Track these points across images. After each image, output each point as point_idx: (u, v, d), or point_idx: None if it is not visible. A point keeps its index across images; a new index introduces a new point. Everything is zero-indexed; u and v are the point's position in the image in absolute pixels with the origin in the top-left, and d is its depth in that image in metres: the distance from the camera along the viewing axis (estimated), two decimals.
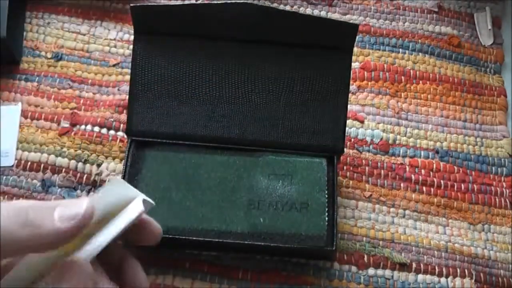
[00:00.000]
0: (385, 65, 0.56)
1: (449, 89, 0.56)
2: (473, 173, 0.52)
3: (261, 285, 0.46)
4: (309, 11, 0.59)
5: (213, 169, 0.45)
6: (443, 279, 0.47)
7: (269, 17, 0.44)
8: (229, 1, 0.44)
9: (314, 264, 0.47)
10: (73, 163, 0.50)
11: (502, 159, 0.53)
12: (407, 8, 0.60)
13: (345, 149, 0.50)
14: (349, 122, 0.53)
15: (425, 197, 0.50)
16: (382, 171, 0.51)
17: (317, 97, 0.46)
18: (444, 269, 0.47)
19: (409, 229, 0.49)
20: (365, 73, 0.55)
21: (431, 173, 0.51)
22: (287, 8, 0.59)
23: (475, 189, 0.51)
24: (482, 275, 0.47)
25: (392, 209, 0.50)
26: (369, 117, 0.53)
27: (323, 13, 0.59)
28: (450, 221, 0.50)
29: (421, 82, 0.56)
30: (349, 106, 0.50)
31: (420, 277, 0.47)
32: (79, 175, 0.50)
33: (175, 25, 0.45)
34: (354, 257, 0.47)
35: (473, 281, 0.47)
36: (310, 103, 0.46)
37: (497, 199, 0.51)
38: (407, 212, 0.50)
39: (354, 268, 0.47)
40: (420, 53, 0.57)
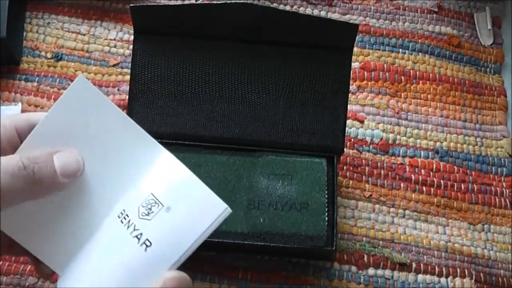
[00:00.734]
0: (385, 65, 0.56)
1: (449, 89, 0.56)
2: (473, 173, 0.52)
3: (261, 285, 0.46)
4: (309, 11, 0.59)
5: (213, 169, 0.45)
6: (443, 279, 0.47)
7: (269, 17, 0.44)
8: (229, 1, 0.44)
9: (314, 264, 0.47)
10: None
11: (502, 159, 0.53)
12: (407, 8, 0.60)
13: (345, 149, 0.50)
14: (349, 122, 0.53)
15: (425, 197, 0.50)
16: (382, 171, 0.51)
17: (317, 97, 0.46)
18: (444, 269, 0.47)
19: (409, 229, 0.49)
20: (365, 73, 0.55)
21: (431, 173, 0.51)
22: (287, 8, 0.59)
23: (475, 189, 0.51)
24: (482, 275, 0.47)
25: (392, 209, 0.50)
26: (369, 117, 0.53)
27: (323, 13, 0.59)
28: (450, 221, 0.50)
29: (421, 82, 0.56)
30: (349, 106, 0.50)
31: (420, 277, 0.47)
32: None
33: (175, 25, 0.45)
34: (354, 257, 0.47)
35: (473, 281, 0.47)
36: (310, 103, 0.46)
37: (497, 199, 0.51)
38: (407, 212, 0.50)
39: (354, 268, 0.47)
40: (420, 53, 0.57)
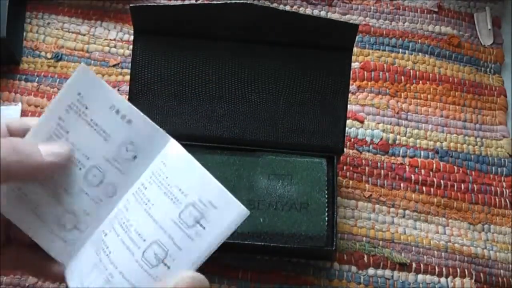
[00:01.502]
0: (385, 65, 0.56)
1: (449, 89, 0.56)
2: (473, 173, 0.52)
3: (261, 285, 0.46)
4: (309, 11, 0.59)
5: (213, 169, 0.45)
6: (443, 279, 0.47)
7: (269, 17, 0.44)
8: (229, 1, 0.44)
9: (314, 264, 0.47)
10: None
11: (502, 159, 0.53)
12: (407, 8, 0.60)
13: (345, 149, 0.50)
14: (349, 122, 0.53)
15: (425, 197, 0.50)
16: (382, 171, 0.51)
17: (317, 97, 0.46)
18: (444, 269, 0.47)
19: (409, 229, 0.49)
20: (365, 73, 0.55)
21: (431, 173, 0.51)
22: (287, 8, 0.59)
23: (475, 189, 0.51)
24: (482, 275, 0.47)
25: (392, 209, 0.50)
26: (369, 117, 0.53)
27: (323, 13, 0.59)
28: (450, 221, 0.50)
29: (421, 82, 0.56)
30: (349, 106, 0.50)
31: (420, 277, 0.47)
32: None
33: (175, 25, 0.45)
34: (354, 257, 0.47)
35: (473, 281, 0.47)
36: (310, 103, 0.46)
37: (497, 199, 0.51)
38: (407, 212, 0.50)
39: (354, 268, 0.47)
40: (420, 53, 0.57)
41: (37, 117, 0.50)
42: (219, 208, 0.31)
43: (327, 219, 0.43)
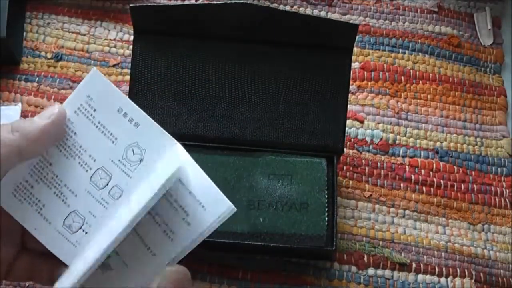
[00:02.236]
0: (385, 65, 0.56)
1: (449, 89, 0.56)
2: (473, 173, 0.52)
3: (261, 285, 0.46)
4: (309, 11, 0.59)
5: (212, 169, 0.45)
6: (443, 279, 0.47)
7: (269, 17, 0.44)
8: (229, 1, 0.44)
9: (314, 264, 0.47)
10: None
11: (502, 159, 0.53)
12: (407, 8, 0.60)
13: (345, 149, 0.50)
14: (349, 122, 0.53)
15: (425, 197, 0.50)
16: (382, 171, 0.51)
17: (317, 97, 0.46)
18: (444, 269, 0.47)
19: (409, 229, 0.49)
20: (365, 73, 0.55)
21: (431, 173, 0.51)
22: (287, 8, 0.59)
23: (475, 189, 0.51)
24: (482, 275, 0.47)
25: (392, 209, 0.50)
26: (369, 117, 0.53)
27: (323, 13, 0.59)
28: (450, 221, 0.50)
29: (421, 82, 0.56)
30: (349, 106, 0.50)
31: (420, 277, 0.47)
32: None
33: (175, 25, 0.45)
34: (354, 257, 0.47)
35: (473, 281, 0.47)
36: (310, 103, 0.46)
37: (497, 199, 0.51)
38: (407, 212, 0.50)
39: (354, 268, 0.47)
40: (420, 53, 0.57)
41: None
42: (205, 202, 0.31)
43: (327, 219, 0.43)
